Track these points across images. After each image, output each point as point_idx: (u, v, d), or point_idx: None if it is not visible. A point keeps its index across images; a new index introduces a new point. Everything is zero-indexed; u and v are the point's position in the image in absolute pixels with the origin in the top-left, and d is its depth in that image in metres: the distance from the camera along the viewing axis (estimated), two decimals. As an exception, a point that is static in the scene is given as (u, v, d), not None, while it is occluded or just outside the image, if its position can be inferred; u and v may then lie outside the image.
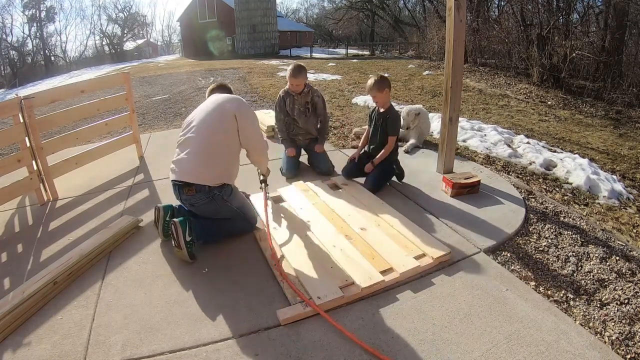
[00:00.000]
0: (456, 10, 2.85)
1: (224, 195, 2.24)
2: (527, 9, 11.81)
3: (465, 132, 4.62)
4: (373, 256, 2.12)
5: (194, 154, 2.18)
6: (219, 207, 2.27)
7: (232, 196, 2.31)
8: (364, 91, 7.82)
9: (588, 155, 4.51)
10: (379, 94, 2.98)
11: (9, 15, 46.86)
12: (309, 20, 49.16)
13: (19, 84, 28.09)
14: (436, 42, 13.71)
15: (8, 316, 1.76)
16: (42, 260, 2.34)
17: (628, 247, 2.45)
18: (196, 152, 2.18)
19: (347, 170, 3.21)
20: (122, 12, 46.73)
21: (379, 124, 3.09)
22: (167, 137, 4.89)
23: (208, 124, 2.24)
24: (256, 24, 26.30)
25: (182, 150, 2.23)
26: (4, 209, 3.07)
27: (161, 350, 1.64)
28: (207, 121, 2.25)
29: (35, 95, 3.10)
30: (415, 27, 26.20)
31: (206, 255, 2.28)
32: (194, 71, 12.50)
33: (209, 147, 2.19)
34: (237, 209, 2.36)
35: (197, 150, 2.19)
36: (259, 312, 1.82)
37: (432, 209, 2.76)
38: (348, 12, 34.74)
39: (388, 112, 3.05)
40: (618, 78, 9.73)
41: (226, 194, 2.25)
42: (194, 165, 2.17)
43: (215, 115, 2.26)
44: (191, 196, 2.19)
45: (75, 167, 3.46)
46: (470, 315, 1.78)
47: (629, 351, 1.65)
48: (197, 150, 2.19)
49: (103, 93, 6.71)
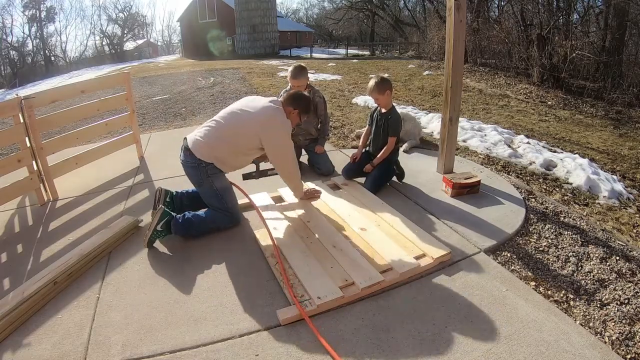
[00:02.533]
0: (456, 10, 2.85)
1: (209, 170, 2.39)
2: (527, 9, 11.81)
3: (465, 132, 4.62)
4: (373, 256, 2.12)
5: (204, 135, 2.41)
6: (201, 179, 2.42)
7: (216, 177, 2.43)
8: (365, 91, 7.83)
9: (588, 155, 4.51)
10: (381, 96, 2.98)
11: (9, 15, 46.90)
12: (309, 20, 49.17)
13: (19, 84, 28.07)
14: (436, 42, 13.70)
15: (8, 316, 1.76)
16: (42, 260, 2.34)
17: (628, 247, 2.45)
18: (208, 135, 2.41)
19: (347, 170, 3.20)
20: (122, 12, 46.78)
21: (381, 125, 3.09)
22: (167, 137, 4.90)
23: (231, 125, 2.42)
24: (256, 24, 26.28)
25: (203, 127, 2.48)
26: (4, 209, 3.07)
27: (161, 350, 1.64)
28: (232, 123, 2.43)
29: (35, 95, 3.10)
30: (415, 27, 26.21)
31: (206, 255, 2.28)
32: (194, 71, 12.51)
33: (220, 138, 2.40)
34: (217, 191, 2.45)
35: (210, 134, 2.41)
36: (259, 312, 1.82)
37: (432, 209, 2.76)
38: (348, 12, 34.77)
39: (390, 113, 3.05)
40: (618, 78, 9.73)
41: (211, 171, 2.40)
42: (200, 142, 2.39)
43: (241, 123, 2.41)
44: (186, 155, 2.43)
45: (75, 167, 3.46)
46: (470, 315, 1.78)
47: (629, 351, 1.65)
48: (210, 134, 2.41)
49: (103, 93, 6.71)
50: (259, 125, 2.36)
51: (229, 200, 2.50)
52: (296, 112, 2.50)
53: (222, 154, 2.39)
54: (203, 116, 5.95)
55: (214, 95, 7.58)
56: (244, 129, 2.38)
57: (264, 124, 2.37)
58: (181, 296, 1.95)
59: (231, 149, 2.40)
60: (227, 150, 2.40)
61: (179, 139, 4.60)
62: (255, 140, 2.38)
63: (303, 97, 2.58)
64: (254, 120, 2.37)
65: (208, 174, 2.39)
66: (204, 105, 6.80)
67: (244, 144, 2.41)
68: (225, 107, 2.57)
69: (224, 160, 2.42)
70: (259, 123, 2.36)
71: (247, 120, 2.39)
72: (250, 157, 2.56)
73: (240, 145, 2.41)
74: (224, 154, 2.40)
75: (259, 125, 2.36)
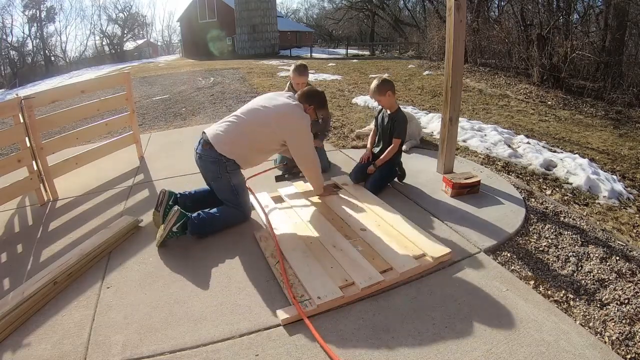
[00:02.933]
0: (456, 10, 2.85)
1: (228, 166, 2.41)
2: (527, 9, 11.81)
3: (465, 132, 4.62)
4: (373, 256, 2.12)
5: (226, 130, 2.43)
6: (219, 173, 2.43)
7: (235, 173, 2.47)
8: (365, 91, 7.82)
9: (588, 155, 4.51)
10: (382, 98, 2.97)
11: (9, 15, 46.85)
12: (309, 20, 49.17)
13: (19, 84, 28.07)
14: (436, 42, 13.70)
15: (8, 316, 1.76)
16: (42, 260, 2.34)
17: (628, 247, 2.45)
18: (229, 130, 2.43)
19: (355, 173, 3.10)
20: (122, 12, 46.78)
21: (388, 127, 3.06)
22: (167, 137, 4.90)
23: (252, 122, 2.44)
24: (256, 24, 26.28)
25: (224, 122, 2.50)
26: (4, 209, 3.07)
27: (161, 350, 1.64)
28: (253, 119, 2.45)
29: (35, 95, 3.10)
30: (415, 27, 26.23)
31: (206, 255, 2.28)
32: (194, 71, 12.51)
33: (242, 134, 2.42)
34: (233, 187, 2.48)
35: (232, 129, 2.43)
36: (259, 312, 1.82)
37: (432, 209, 2.76)
38: (348, 12, 34.78)
39: (395, 114, 3.03)
40: (618, 78, 9.73)
41: (230, 167, 2.42)
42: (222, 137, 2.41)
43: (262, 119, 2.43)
44: (205, 149, 2.42)
45: (75, 167, 3.46)
46: (470, 315, 1.78)
47: (629, 351, 1.65)
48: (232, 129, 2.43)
49: (103, 93, 6.72)
50: (280, 121, 2.41)
51: (242, 196, 2.55)
52: (312, 108, 2.56)
53: (244, 150, 2.43)
54: (203, 116, 5.95)
55: (214, 95, 7.58)
56: (265, 126, 2.42)
57: (285, 120, 2.41)
58: (181, 296, 1.95)
59: (252, 145, 2.44)
60: (248, 146, 2.43)
61: (179, 139, 4.66)
62: (276, 136, 2.44)
63: (316, 92, 2.64)
64: (274, 117, 2.42)
65: (227, 170, 2.42)
66: (204, 105, 6.80)
67: (264, 141, 2.46)
68: (245, 104, 2.61)
69: (245, 158, 2.46)
70: (280, 119, 2.41)
71: (268, 116, 2.42)
72: (269, 154, 2.65)
73: (261, 141, 2.45)
74: (245, 150, 2.44)
75: (280, 121, 2.41)
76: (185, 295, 1.96)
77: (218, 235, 2.46)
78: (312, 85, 3.53)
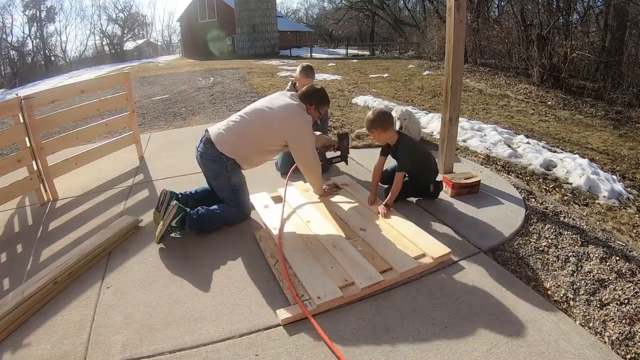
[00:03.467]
0: (456, 10, 2.85)
1: (228, 165, 2.44)
2: (527, 9, 11.82)
3: (465, 132, 4.63)
4: (373, 256, 2.12)
5: (228, 129, 2.46)
6: (219, 171, 2.45)
7: (235, 172, 2.49)
8: (365, 92, 7.82)
9: (588, 156, 4.51)
10: (374, 134, 2.70)
11: (9, 15, 46.97)
12: (309, 20, 49.20)
13: (19, 84, 28.07)
14: (436, 42, 13.71)
15: (8, 316, 1.76)
16: (42, 260, 2.34)
17: (628, 247, 2.45)
18: (232, 129, 2.46)
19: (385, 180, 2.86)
20: (122, 12, 46.78)
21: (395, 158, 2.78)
22: (167, 137, 4.90)
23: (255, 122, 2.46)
24: (256, 24, 26.28)
25: (227, 121, 2.53)
26: (4, 209, 3.06)
27: (161, 350, 1.64)
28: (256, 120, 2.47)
29: (35, 95, 3.10)
30: (415, 27, 26.24)
31: (206, 255, 2.28)
32: (194, 71, 12.51)
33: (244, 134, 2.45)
34: (233, 186, 2.50)
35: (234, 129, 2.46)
36: (259, 312, 1.82)
37: (432, 209, 2.76)
38: (348, 12, 34.82)
39: (396, 146, 2.71)
40: (618, 78, 9.73)
41: (230, 167, 2.44)
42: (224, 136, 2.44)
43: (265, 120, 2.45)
44: (207, 147, 2.45)
45: (75, 167, 3.46)
46: (470, 315, 1.78)
47: (629, 351, 1.65)
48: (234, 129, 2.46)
49: (103, 93, 6.71)
50: (282, 122, 2.44)
51: (242, 195, 2.57)
52: (312, 107, 2.57)
53: (245, 151, 2.45)
54: (203, 116, 5.95)
55: (214, 95, 7.57)
56: (267, 127, 2.44)
57: (286, 121, 2.44)
58: (181, 296, 1.95)
59: (254, 146, 2.46)
60: (249, 147, 2.45)
61: (179, 139, 4.66)
62: (277, 137, 2.46)
63: (315, 90, 2.63)
64: (277, 118, 2.44)
65: (227, 169, 2.44)
66: (204, 105, 6.80)
67: (266, 142, 2.48)
68: (249, 104, 2.64)
69: (246, 158, 2.49)
70: (282, 120, 2.44)
71: (271, 117, 2.45)
72: (270, 155, 2.66)
73: (263, 143, 2.47)
74: (247, 151, 2.46)
75: (282, 122, 2.44)
76: (185, 295, 1.96)
77: (218, 235, 2.46)
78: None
